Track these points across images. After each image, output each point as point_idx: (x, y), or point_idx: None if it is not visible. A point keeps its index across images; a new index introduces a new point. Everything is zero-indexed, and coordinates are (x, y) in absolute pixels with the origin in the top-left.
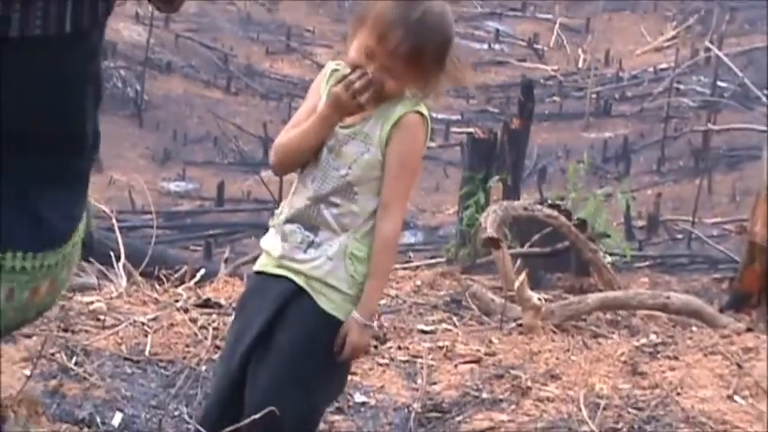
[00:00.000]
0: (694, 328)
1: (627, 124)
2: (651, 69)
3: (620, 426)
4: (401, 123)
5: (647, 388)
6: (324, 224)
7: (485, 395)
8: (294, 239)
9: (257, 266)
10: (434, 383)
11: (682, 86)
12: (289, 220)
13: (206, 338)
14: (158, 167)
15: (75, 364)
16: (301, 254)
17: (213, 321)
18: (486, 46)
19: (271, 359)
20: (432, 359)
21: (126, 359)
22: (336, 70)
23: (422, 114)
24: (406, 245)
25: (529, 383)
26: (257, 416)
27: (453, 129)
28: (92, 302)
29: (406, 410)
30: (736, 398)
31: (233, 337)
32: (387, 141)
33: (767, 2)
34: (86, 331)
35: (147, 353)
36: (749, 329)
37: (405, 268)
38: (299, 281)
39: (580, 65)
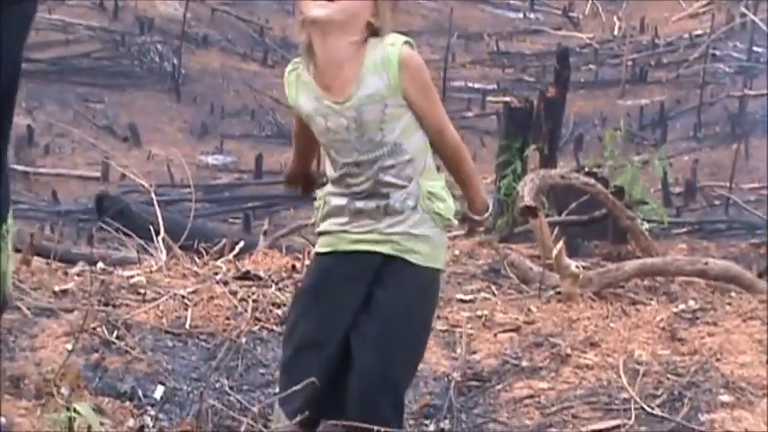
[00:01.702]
0: (733, 294)
1: (663, 91)
2: (687, 36)
3: (659, 392)
4: (403, 63)
5: (687, 354)
6: (391, 186)
7: (524, 363)
8: (369, 209)
9: (324, 247)
10: (474, 352)
11: (717, 52)
12: (356, 198)
13: (246, 311)
14: (196, 141)
15: (117, 337)
16: (382, 221)
17: (253, 293)
18: (521, 15)
19: (379, 330)
20: (471, 328)
21: (167, 332)
22: (295, 69)
23: (407, 42)
24: None
25: (568, 351)
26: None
27: (489, 98)
28: (132, 276)
29: (445, 380)
30: None
31: (314, 324)
32: (401, 85)
33: None
34: (127, 305)
35: (187, 326)
36: None
37: None
38: (386, 249)
39: (615, 32)
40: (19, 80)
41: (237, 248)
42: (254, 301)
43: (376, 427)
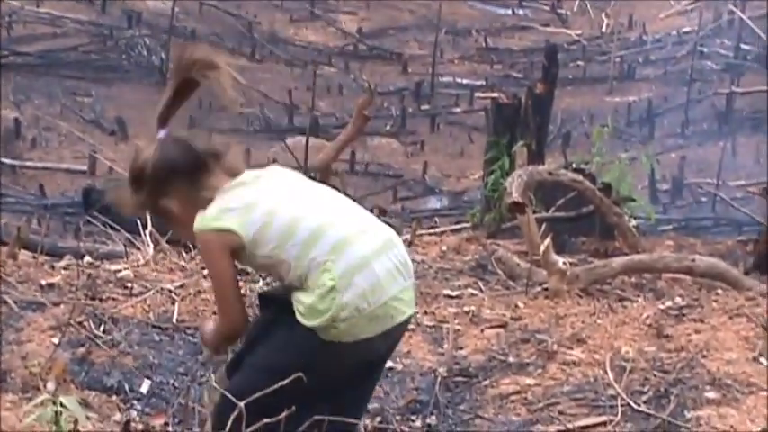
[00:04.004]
0: (719, 291)
1: (650, 88)
2: (674, 33)
3: (646, 389)
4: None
5: (673, 351)
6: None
7: (511, 359)
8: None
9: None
10: (461, 348)
11: (705, 49)
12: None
13: None
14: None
15: (104, 331)
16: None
17: (240, 288)
18: (509, 11)
19: None
20: (458, 324)
21: (154, 326)
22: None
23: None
24: (431, 210)
25: (555, 347)
26: None
27: (477, 94)
28: (119, 270)
29: (432, 375)
30: (761, 359)
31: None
32: None
33: None
34: (114, 299)
35: (174, 320)
36: None
37: (430, 234)
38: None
39: (603, 29)
40: None
41: None
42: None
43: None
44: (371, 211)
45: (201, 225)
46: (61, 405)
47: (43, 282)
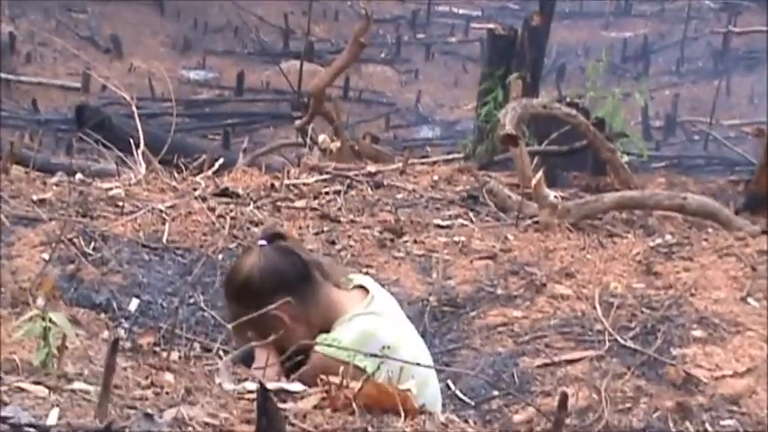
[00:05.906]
0: (710, 230)
1: (647, 24)
2: None
3: (633, 325)
4: None
5: (661, 288)
6: None
7: (499, 291)
8: None
9: None
10: (449, 278)
11: None
12: None
13: (223, 227)
14: (178, 55)
15: (93, 249)
16: None
17: (231, 210)
18: None
19: None
20: (447, 254)
21: (143, 246)
22: None
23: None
24: (424, 139)
25: (543, 281)
26: None
27: (473, 24)
28: (110, 189)
29: (420, 304)
30: (749, 300)
31: None
32: None
33: None
34: (105, 217)
35: (164, 240)
36: (764, 232)
37: (422, 163)
38: None
39: None
40: None
41: (217, 165)
42: (231, 218)
43: None
44: (364, 137)
45: (331, 352)
46: (50, 321)
47: (35, 197)
